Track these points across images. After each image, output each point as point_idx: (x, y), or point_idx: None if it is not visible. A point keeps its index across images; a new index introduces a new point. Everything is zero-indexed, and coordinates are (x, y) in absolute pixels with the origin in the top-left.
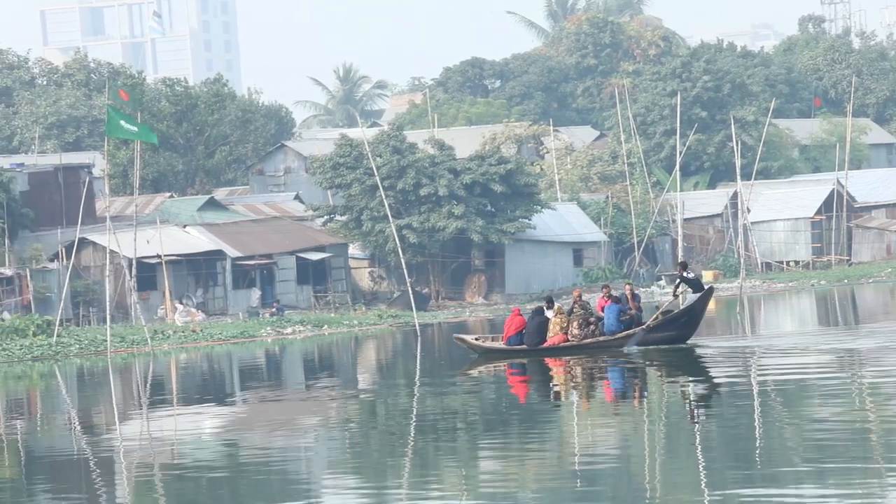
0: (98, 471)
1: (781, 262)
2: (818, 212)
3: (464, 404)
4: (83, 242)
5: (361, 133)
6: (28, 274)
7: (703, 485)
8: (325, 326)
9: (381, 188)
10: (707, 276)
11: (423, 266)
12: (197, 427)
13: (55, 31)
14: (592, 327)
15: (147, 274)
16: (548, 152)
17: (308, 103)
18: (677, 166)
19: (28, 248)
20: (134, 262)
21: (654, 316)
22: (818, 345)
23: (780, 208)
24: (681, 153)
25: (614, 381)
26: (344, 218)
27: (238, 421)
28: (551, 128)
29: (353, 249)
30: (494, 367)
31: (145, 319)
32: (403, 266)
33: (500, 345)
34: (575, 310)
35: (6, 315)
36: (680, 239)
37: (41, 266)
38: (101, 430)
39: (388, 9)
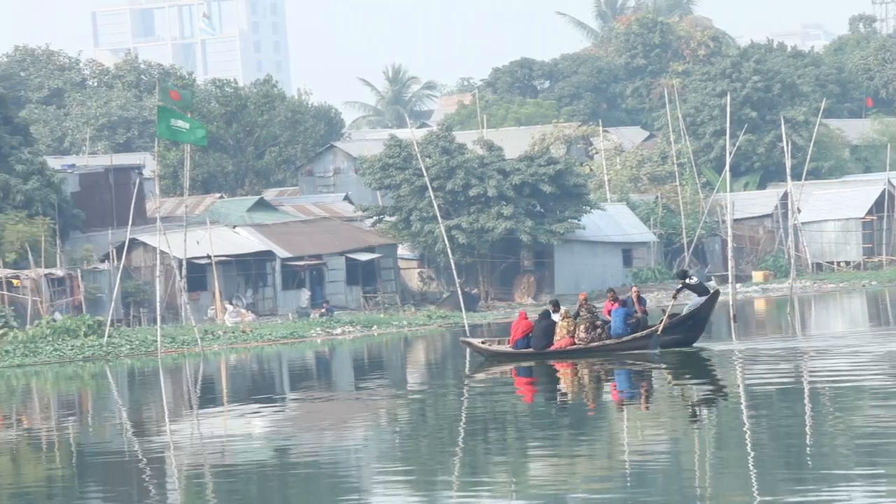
0: (149, 471)
1: (832, 263)
2: (869, 212)
3: (513, 404)
4: (134, 243)
5: (411, 134)
6: (79, 274)
7: (754, 487)
8: (375, 327)
9: (430, 189)
10: (757, 277)
11: (472, 267)
12: (247, 427)
13: (106, 32)
14: (599, 331)
15: (197, 274)
16: (597, 153)
17: (357, 104)
18: (727, 167)
19: (79, 248)
20: (184, 262)
21: (661, 320)
22: (869, 346)
23: (831, 209)
24: (731, 153)
25: (620, 384)
26: (393, 218)
27: (288, 421)
28: (601, 128)
29: (403, 250)
30: (501, 371)
31: (195, 320)
32: (453, 267)
33: (506, 348)
34: (582, 313)
35: (58, 315)
36: (730, 239)
37: (92, 267)
38: (151, 431)
39: (438, 9)
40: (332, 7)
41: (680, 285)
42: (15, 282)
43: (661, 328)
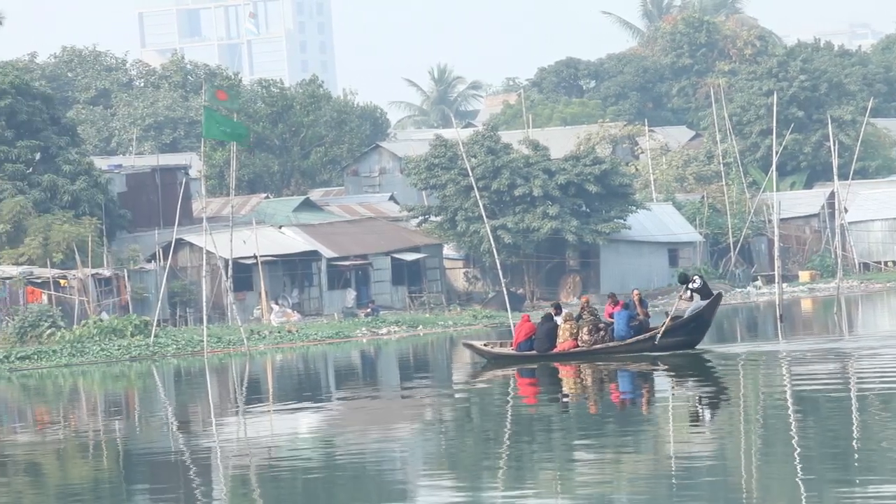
0: (195, 470)
1: (879, 263)
2: None
3: (558, 405)
4: (180, 243)
5: (456, 133)
6: (126, 274)
7: (801, 489)
8: (420, 327)
9: (475, 189)
10: (803, 277)
11: (517, 266)
12: (293, 427)
13: (152, 33)
14: (602, 333)
15: (243, 274)
16: (643, 152)
17: (403, 104)
18: (773, 166)
19: (126, 248)
20: (230, 262)
21: (664, 322)
22: None
23: (878, 208)
24: (777, 153)
25: (623, 385)
26: (438, 218)
27: (334, 421)
28: (646, 128)
29: (448, 250)
30: (504, 373)
31: (241, 320)
32: (498, 266)
33: (509, 350)
34: (584, 316)
35: (104, 315)
36: (776, 239)
37: (138, 267)
38: (197, 430)
39: (483, 9)
40: (377, 7)
41: (685, 288)
42: (62, 282)
43: (660, 333)
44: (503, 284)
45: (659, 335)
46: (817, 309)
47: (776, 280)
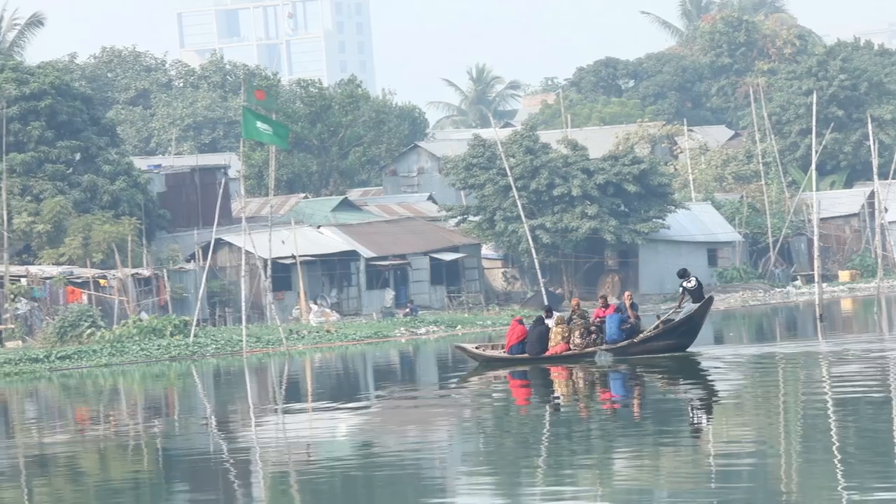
0: (234, 471)
1: None
2: None
3: (597, 403)
4: (219, 243)
5: (494, 133)
6: (165, 274)
7: (840, 487)
8: (459, 327)
9: (514, 188)
10: (843, 277)
11: (556, 266)
12: (332, 427)
13: (191, 33)
14: (594, 336)
15: (282, 274)
16: (682, 152)
17: (441, 104)
18: (813, 165)
19: (165, 248)
20: (269, 262)
21: (655, 325)
22: None
23: None
24: (817, 152)
25: (615, 388)
26: (477, 218)
27: (373, 421)
28: (685, 127)
29: (487, 250)
30: (495, 375)
31: (280, 320)
32: (537, 266)
33: (501, 353)
34: (575, 319)
35: (144, 315)
36: (816, 239)
37: (178, 267)
38: (236, 430)
39: (521, 9)
40: (416, 7)
41: (681, 289)
42: (102, 282)
43: (654, 333)
44: (542, 284)
45: (641, 337)
46: (857, 309)
47: (816, 280)
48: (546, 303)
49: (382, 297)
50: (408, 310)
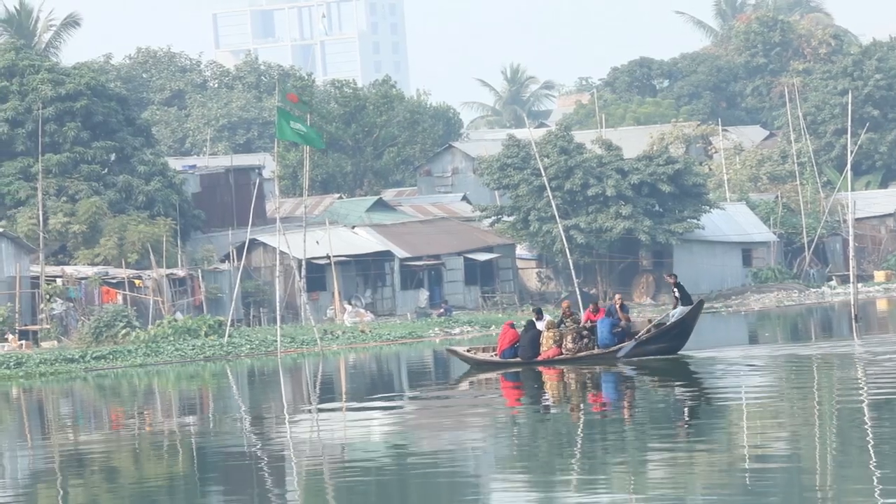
0: (268, 470)
1: None
2: None
3: (630, 403)
4: (254, 243)
5: (529, 133)
6: (200, 275)
7: (876, 490)
8: (493, 327)
9: (548, 189)
10: (879, 277)
11: (590, 266)
12: (366, 427)
13: (226, 34)
14: (586, 340)
15: (316, 275)
16: (716, 152)
17: (475, 104)
18: (848, 165)
19: (200, 249)
20: (303, 262)
21: (647, 328)
22: None
23: None
24: (852, 152)
25: (607, 390)
26: (511, 218)
27: (406, 421)
28: (720, 127)
29: (521, 250)
30: (486, 378)
31: (315, 320)
32: (571, 266)
33: (492, 357)
34: (567, 323)
35: (179, 315)
36: (851, 239)
37: (213, 267)
38: (271, 430)
39: (555, 9)
40: (450, 7)
41: (675, 291)
42: (137, 282)
43: (644, 336)
44: (576, 284)
45: (641, 337)
46: (893, 309)
47: (851, 280)
48: (580, 303)
49: (416, 298)
50: (442, 310)
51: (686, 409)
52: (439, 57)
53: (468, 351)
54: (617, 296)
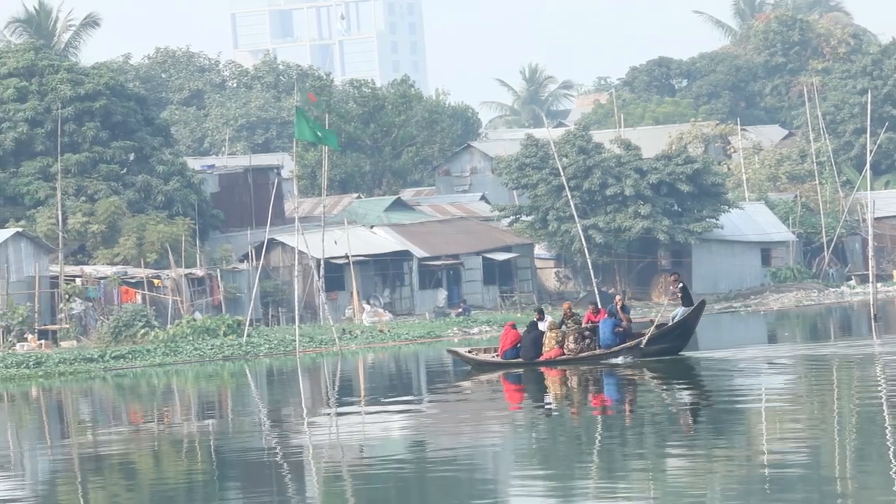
0: (287, 470)
1: None
2: None
3: (648, 403)
4: (272, 243)
5: (547, 133)
6: (219, 274)
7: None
8: None
9: (566, 188)
10: None
11: (608, 266)
12: (385, 426)
13: (245, 33)
14: (588, 341)
15: (335, 274)
16: (735, 151)
17: (494, 104)
18: (867, 165)
19: (218, 248)
20: (322, 262)
21: (649, 329)
22: None
23: None
24: (871, 152)
25: (609, 391)
26: (530, 218)
27: (425, 420)
28: (739, 127)
29: (539, 249)
30: (487, 379)
31: (333, 319)
32: (589, 266)
33: (494, 358)
34: (568, 324)
35: (198, 315)
36: (870, 238)
37: (231, 266)
38: (290, 429)
39: (574, 9)
40: (469, 7)
41: (679, 292)
42: (156, 282)
43: (645, 340)
44: (594, 284)
45: (644, 342)
46: None
47: (870, 279)
48: (598, 303)
49: (435, 297)
50: (460, 310)
51: (703, 411)
52: (458, 56)
53: (470, 352)
54: (617, 297)
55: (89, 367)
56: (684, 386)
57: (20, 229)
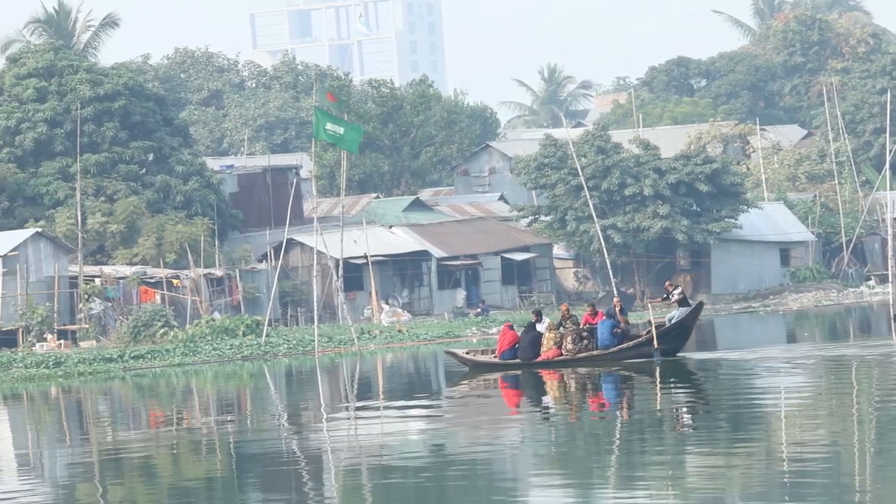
0: (306, 469)
1: None
2: None
3: (670, 402)
4: (291, 243)
5: (566, 133)
6: (237, 274)
7: None
8: None
9: (585, 188)
10: None
11: (627, 266)
12: (403, 426)
13: (264, 34)
14: (586, 342)
15: (353, 274)
16: (754, 151)
17: (513, 104)
18: (887, 164)
19: (237, 248)
20: (341, 262)
21: (647, 330)
22: None
23: None
24: (891, 151)
25: (607, 392)
26: (548, 218)
27: (444, 420)
28: (758, 127)
29: (558, 250)
30: (485, 379)
31: (352, 319)
32: (608, 266)
33: (492, 359)
34: (567, 325)
35: (216, 315)
36: (890, 238)
37: (250, 267)
38: (308, 429)
39: (593, 9)
40: (487, 7)
41: (675, 297)
42: (175, 282)
43: (645, 338)
44: (613, 284)
45: (656, 342)
46: None
47: (889, 279)
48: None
49: (454, 297)
50: (479, 310)
51: (722, 412)
52: (476, 56)
53: (467, 353)
54: (615, 299)
55: (108, 367)
56: (704, 386)
57: (39, 229)
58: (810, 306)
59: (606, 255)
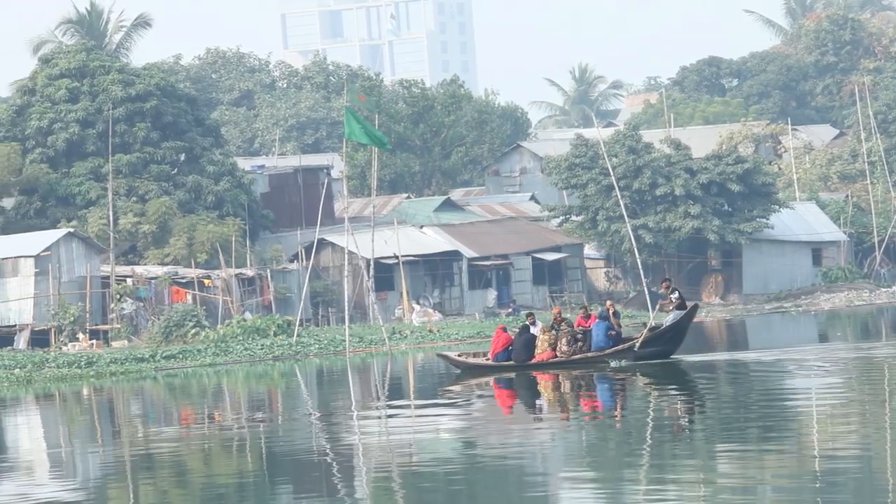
0: (337, 469)
1: None
2: None
3: (699, 402)
4: (322, 243)
5: (597, 133)
6: (269, 274)
7: None
8: None
9: (616, 188)
10: None
11: (658, 266)
12: (434, 426)
13: (295, 34)
14: (580, 344)
15: (384, 274)
16: (786, 151)
17: (544, 104)
18: None
19: (268, 248)
20: (372, 262)
21: (642, 333)
22: None
23: None
24: None
25: (602, 394)
26: (579, 218)
27: (475, 419)
28: (789, 126)
29: (589, 249)
30: (477, 382)
31: (383, 319)
32: (639, 266)
33: (484, 361)
34: (561, 327)
35: (248, 315)
36: None
37: (281, 267)
38: (340, 429)
39: (624, 8)
40: (519, 6)
41: (673, 296)
42: (206, 282)
43: (639, 342)
44: (644, 284)
45: (637, 345)
46: None
47: None
48: (648, 303)
49: (485, 297)
50: (510, 310)
51: (754, 412)
52: (507, 56)
53: (459, 355)
54: (608, 302)
55: (140, 366)
56: (734, 386)
57: (72, 230)
58: (842, 306)
59: (637, 255)
